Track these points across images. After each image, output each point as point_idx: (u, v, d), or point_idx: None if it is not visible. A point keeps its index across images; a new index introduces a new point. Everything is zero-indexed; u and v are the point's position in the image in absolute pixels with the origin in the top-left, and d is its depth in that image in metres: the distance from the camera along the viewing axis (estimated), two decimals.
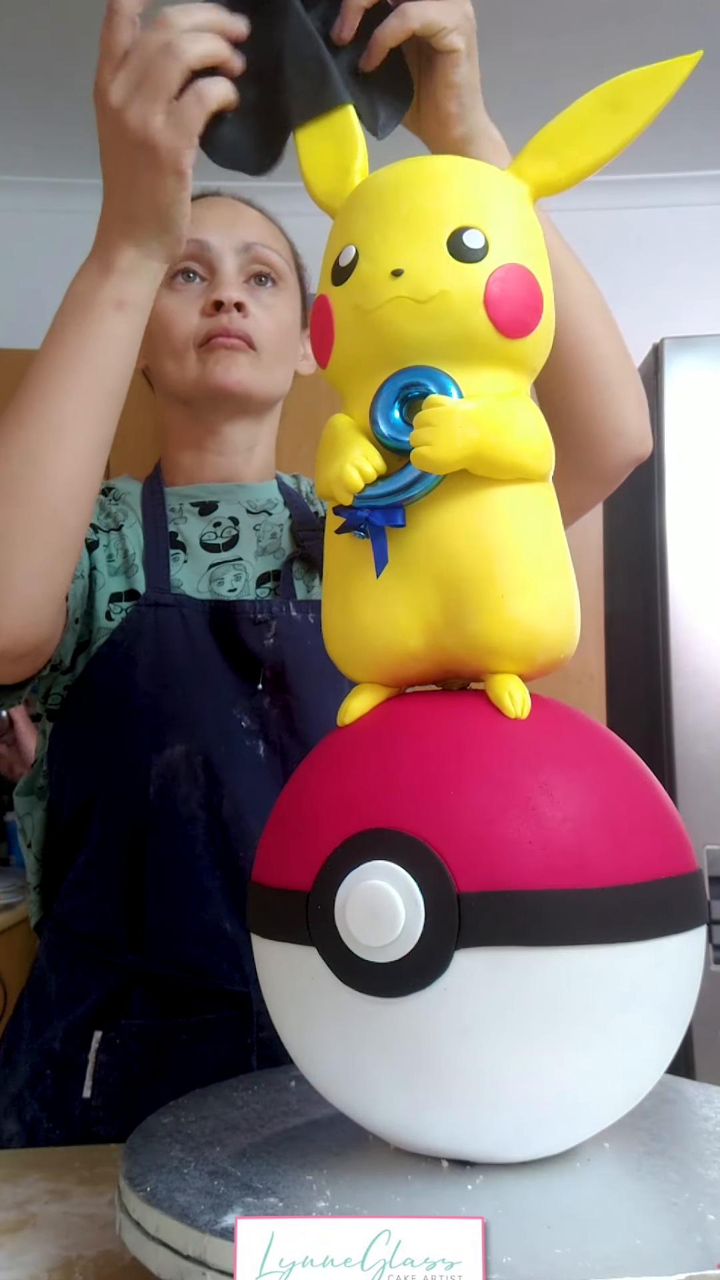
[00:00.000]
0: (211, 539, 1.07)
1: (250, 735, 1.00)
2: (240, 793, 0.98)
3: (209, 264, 1.05)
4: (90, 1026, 0.97)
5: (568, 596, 0.65)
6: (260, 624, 1.01)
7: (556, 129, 0.66)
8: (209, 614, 1.02)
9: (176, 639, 1.00)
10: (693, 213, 3.10)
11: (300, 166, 0.73)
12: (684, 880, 0.61)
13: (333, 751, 0.66)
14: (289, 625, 1.02)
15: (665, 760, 2.32)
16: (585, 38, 2.46)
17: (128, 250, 0.78)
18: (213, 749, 0.98)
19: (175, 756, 0.98)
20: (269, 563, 1.07)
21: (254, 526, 1.08)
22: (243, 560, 1.06)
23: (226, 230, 1.06)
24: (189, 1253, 0.56)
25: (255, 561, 1.07)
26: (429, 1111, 0.60)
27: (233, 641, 1.01)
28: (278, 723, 1.00)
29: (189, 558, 1.06)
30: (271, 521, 1.09)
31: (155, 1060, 0.95)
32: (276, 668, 1.01)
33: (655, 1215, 0.57)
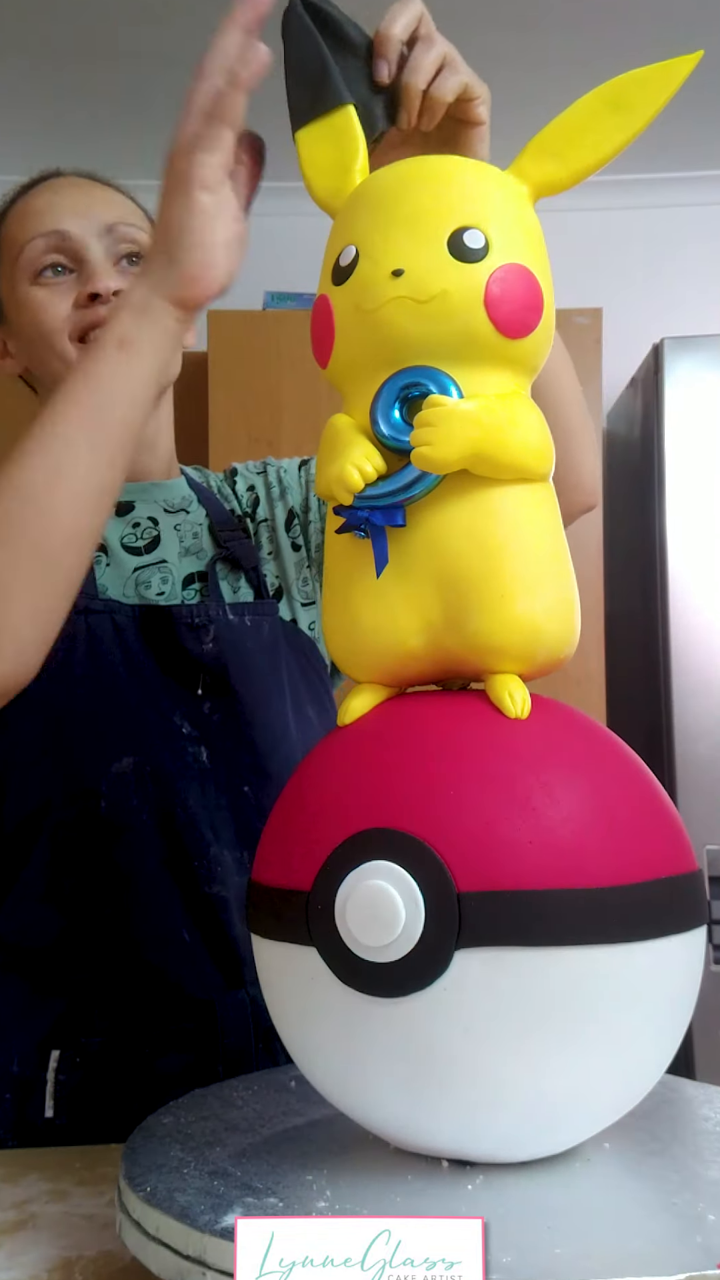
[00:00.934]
0: (132, 541, 1.04)
1: (192, 742, 0.98)
2: (188, 799, 0.96)
3: (73, 254, 0.99)
4: (47, 1046, 0.94)
5: (568, 596, 0.65)
6: (199, 628, 0.99)
7: (557, 129, 0.66)
8: (141, 620, 0.99)
9: (110, 647, 0.98)
10: (693, 213, 3.10)
11: (300, 166, 0.73)
12: (684, 880, 0.61)
13: (333, 751, 0.66)
14: (227, 629, 1.00)
15: (665, 760, 2.32)
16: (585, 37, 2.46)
17: (138, 286, 0.77)
18: (160, 759, 0.96)
19: (125, 769, 0.96)
20: (192, 564, 1.04)
21: (174, 526, 1.05)
22: (167, 562, 1.03)
23: (83, 215, 1.00)
24: (189, 1253, 0.56)
25: (179, 563, 1.04)
26: (429, 1111, 0.60)
27: (169, 647, 0.98)
28: (220, 728, 0.98)
29: (111, 561, 1.02)
30: (190, 520, 1.06)
31: (120, 1077, 0.93)
32: (217, 672, 0.99)
33: (655, 1215, 0.57)
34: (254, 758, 0.99)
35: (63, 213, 1.00)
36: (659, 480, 2.35)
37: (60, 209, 1.00)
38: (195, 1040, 0.94)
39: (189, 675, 0.98)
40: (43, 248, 0.99)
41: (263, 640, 1.02)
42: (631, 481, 2.59)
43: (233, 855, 0.97)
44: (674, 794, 2.29)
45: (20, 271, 1.00)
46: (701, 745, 2.30)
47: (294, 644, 1.06)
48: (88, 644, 0.97)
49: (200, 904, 0.96)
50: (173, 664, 0.98)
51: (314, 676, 1.07)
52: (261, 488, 1.11)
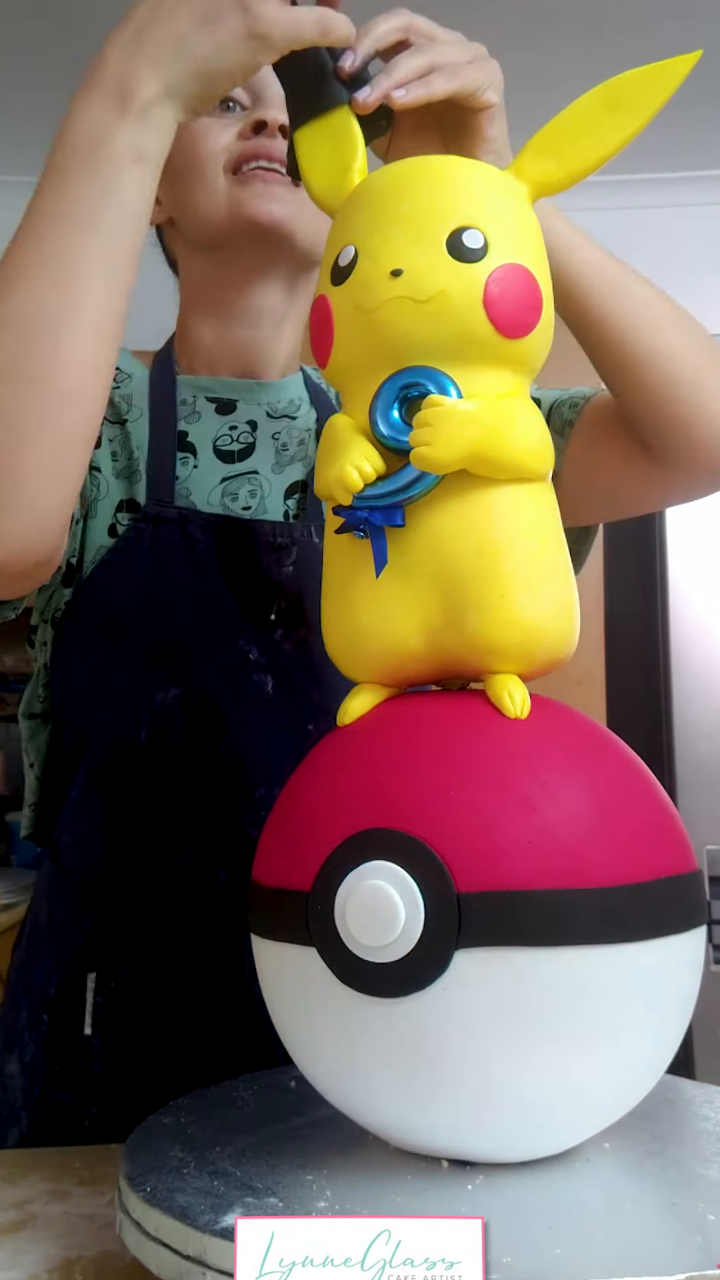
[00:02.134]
0: (226, 444, 0.95)
1: (258, 670, 0.90)
2: (242, 735, 0.89)
3: (253, 90, 0.89)
4: (83, 968, 0.91)
5: (568, 596, 0.65)
6: (280, 549, 0.90)
7: (556, 129, 0.66)
8: (219, 532, 0.90)
9: (178, 561, 0.89)
10: (693, 213, 3.10)
11: (300, 166, 0.73)
12: (684, 880, 0.61)
13: (333, 751, 0.66)
14: (310, 552, 0.91)
15: (665, 760, 2.31)
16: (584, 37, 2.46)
17: (152, 83, 0.67)
18: (212, 689, 0.89)
19: (169, 700, 0.89)
20: (295, 473, 0.95)
21: (273, 435, 0.96)
22: (259, 474, 0.94)
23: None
24: (189, 1253, 0.56)
25: (273, 476, 0.95)
26: (429, 1111, 0.60)
27: (246, 566, 0.90)
28: (291, 658, 0.90)
29: (199, 463, 0.94)
30: (296, 426, 0.97)
31: (151, 1006, 0.90)
32: (294, 598, 0.90)
33: (655, 1215, 0.57)
34: (322, 694, 0.91)
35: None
36: None
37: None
38: (225, 981, 0.89)
39: (264, 598, 0.90)
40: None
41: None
42: None
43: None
44: (674, 794, 2.29)
45: None
46: (701, 745, 2.30)
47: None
48: (152, 558, 0.89)
49: (239, 846, 0.88)
50: (247, 584, 0.90)
51: None
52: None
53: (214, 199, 0.89)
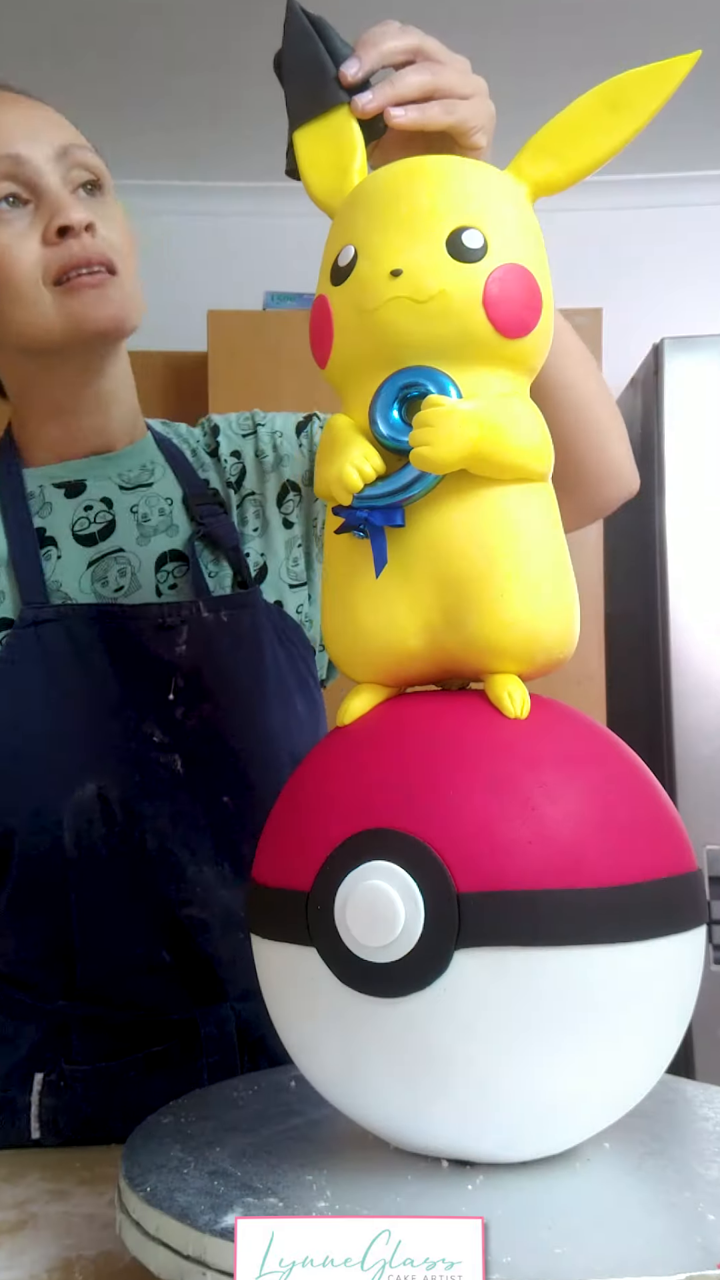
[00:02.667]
0: (84, 528, 0.93)
1: (164, 751, 0.90)
2: (162, 820, 0.90)
3: (28, 182, 0.86)
4: (30, 1069, 0.91)
5: (567, 596, 0.65)
6: (170, 629, 0.90)
7: (555, 128, 0.66)
8: (103, 624, 0.90)
9: (66, 660, 0.89)
10: (693, 213, 3.10)
11: (299, 166, 0.73)
12: (684, 880, 0.61)
13: (333, 751, 0.66)
14: (200, 628, 0.91)
15: (665, 760, 2.32)
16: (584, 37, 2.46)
17: None
18: (125, 779, 0.89)
19: (86, 797, 0.89)
20: (164, 542, 0.94)
21: (131, 508, 0.95)
22: (125, 551, 0.93)
23: (35, 136, 0.87)
24: (189, 1253, 0.56)
25: (140, 550, 0.93)
26: (429, 1111, 0.60)
27: (136, 652, 0.90)
28: (196, 735, 0.91)
29: (62, 553, 0.93)
30: (155, 494, 0.96)
31: (103, 1100, 0.90)
32: (190, 676, 0.90)
33: (655, 1215, 0.57)
34: (235, 765, 0.92)
35: (11, 135, 0.87)
36: (659, 480, 2.35)
37: (7, 130, 0.87)
38: (179, 1060, 0.91)
39: (160, 680, 0.90)
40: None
41: (243, 636, 0.93)
42: None
43: (214, 870, 0.91)
44: (674, 794, 2.29)
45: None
46: (701, 745, 2.30)
47: (281, 631, 0.97)
48: (42, 660, 0.89)
49: (176, 928, 0.91)
50: (140, 670, 0.90)
51: (302, 665, 0.98)
52: (251, 455, 1.00)
53: (42, 313, 0.87)
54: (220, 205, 2.94)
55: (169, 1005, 0.92)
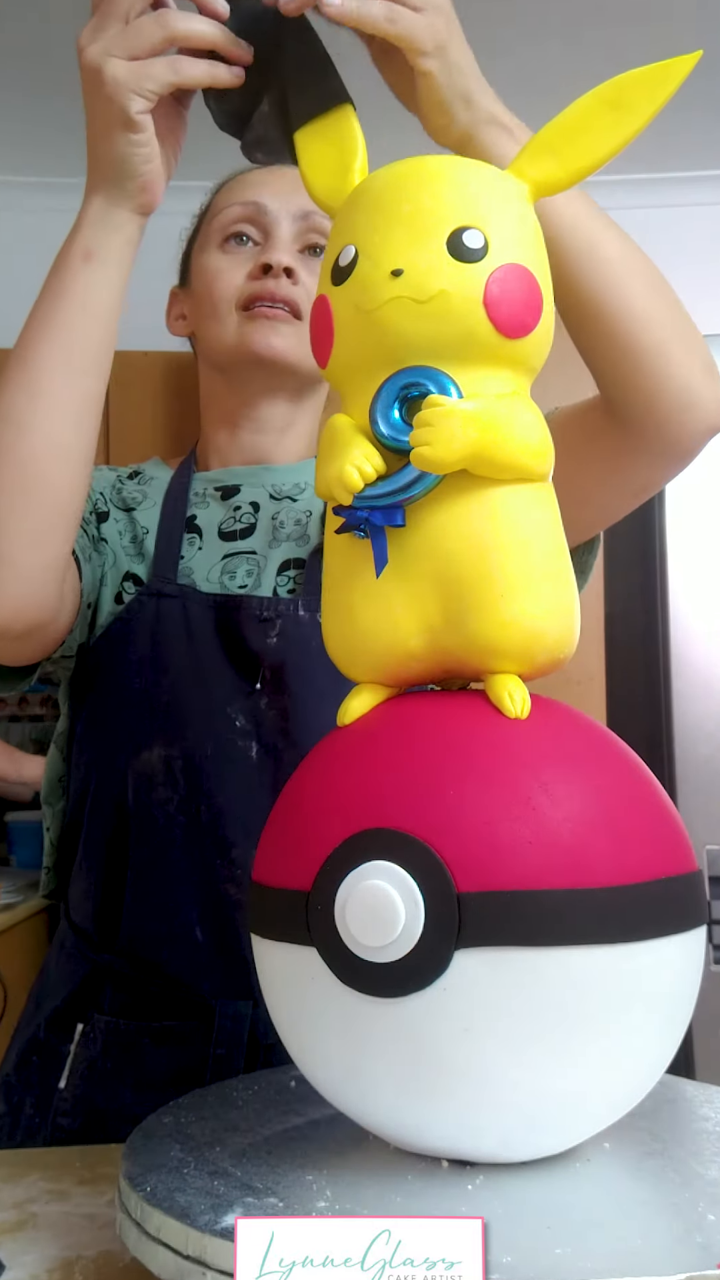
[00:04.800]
0: (230, 526, 1.03)
1: (244, 736, 0.96)
2: (222, 797, 0.95)
3: (264, 228, 1.01)
4: (72, 1018, 0.97)
5: (567, 596, 0.65)
6: (265, 621, 0.97)
7: (556, 128, 0.66)
8: (214, 608, 0.98)
9: (175, 632, 0.97)
10: (693, 213, 3.10)
11: (300, 166, 0.73)
12: (684, 880, 0.61)
13: (333, 751, 0.66)
14: (294, 625, 0.98)
15: (665, 760, 2.31)
16: (584, 37, 2.46)
17: (93, 199, 0.77)
18: (196, 751, 0.95)
19: (153, 759, 0.95)
20: (291, 550, 1.02)
21: (272, 515, 1.04)
22: (256, 553, 1.02)
23: (286, 195, 1.01)
24: (189, 1253, 0.56)
25: (269, 552, 1.02)
26: (429, 1111, 0.60)
27: (234, 638, 0.97)
28: (273, 724, 0.97)
29: (204, 545, 1.02)
30: (296, 508, 1.04)
31: (119, 1059, 0.94)
32: (276, 668, 0.97)
33: (655, 1215, 0.57)
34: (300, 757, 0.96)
35: (265, 188, 1.02)
36: None
37: (264, 185, 1.02)
38: (192, 1041, 0.94)
39: (250, 668, 0.97)
40: (237, 215, 1.01)
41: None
42: None
43: None
44: (674, 794, 2.29)
45: (211, 235, 1.03)
46: (701, 745, 2.30)
47: None
48: (152, 626, 0.97)
49: (216, 904, 0.95)
50: (236, 655, 0.97)
51: None
52: None
53: (225, 331, 1.00)
54: None
55: (195, 984, 0.95)
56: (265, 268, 0.99)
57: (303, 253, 1.01)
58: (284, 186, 1.02)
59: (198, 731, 0.96)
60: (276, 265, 0.98)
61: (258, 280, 0.99)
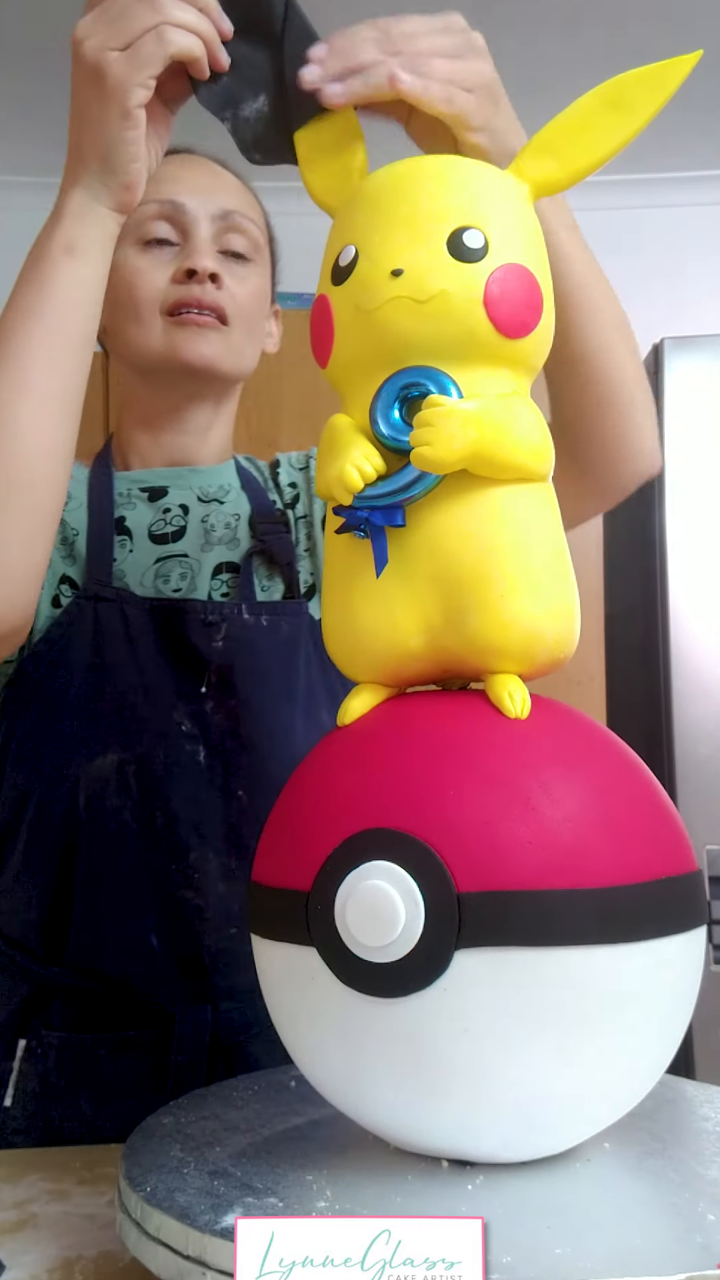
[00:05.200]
0: (160, 528, 1.02)
1: (190, 740, 0.95)
2: (175, 802, 0.94)
3: (183, 228, 0.99)
4: (15, 1034, 0.94)
5: (568, 596, 0.65)
6: (210, 625, 0.96)
7: (556, 128, 0.66)
8: (153, 612, 0.96)
9: (116, 637, 0.95)
10: (693, 213, 3.10)
11: (300, 166, 0.73)
12: (684, 880, 0.61)
13: (333, 751, 0.66)
14: (240, 628, 0.97)
15: (665, 760, 2.31)
16: (584, 37, 2.46)
17: (75, 192, 0.76)
18: (148, 756, 0.94)
19: (106, 766, 0.94)
20: (223, 554, 1.02)
21: (202, 518, 1.03)
22: (189, 556, 1.01)
23: (204, 194, 0.99)
24: (189, 1253, 0.56)
25: (202, 556, 1.01)
26: (429, 1111, 0.60)
27: (178, 642, 0.96)
28: (220, 728, 0.96)
29: (135, 547, 1.01)
30: (224, 511, 1.04)
31: (73, 1073, 0.92)
32: (224, 671, 0.96)
33: (655, 1215, 0.57)
34: (253, 761, 0.96)
35: (182, 185, 0.99)
36: (659, 480, 2.35)
37: (183, 183, 0.99)
38: (150, 1049, 0.92)
39: (195, 672, 0.96)
40: (154, 213, 0.98)
41: (279, 641, 0.99)
42: None
43: (219, 860, 0.94)
44: (674, 794, 2.29)
45: (127, 233, 0.98)
46: (701, 745, 2.30)
47: (320, 645, 0.99)
48: (93, 632, 0.95)
49: (173, 910, 0.93)
50: (180, 659, 0.96)
51: (336, 681, 1.00)
52: (303, 483, 1.09)
53: (150, 336, 0.98)
54: None
55: (152, 993, 0.93)
56: (189, 272, 0.97)
57: (222, 253, 1.00)
58: (202, 182, 1.01)
59: (146, 738, 0.94)
60: (202, 271, 0.97)
61: (182, 285, 0.97)
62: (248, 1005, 0.93)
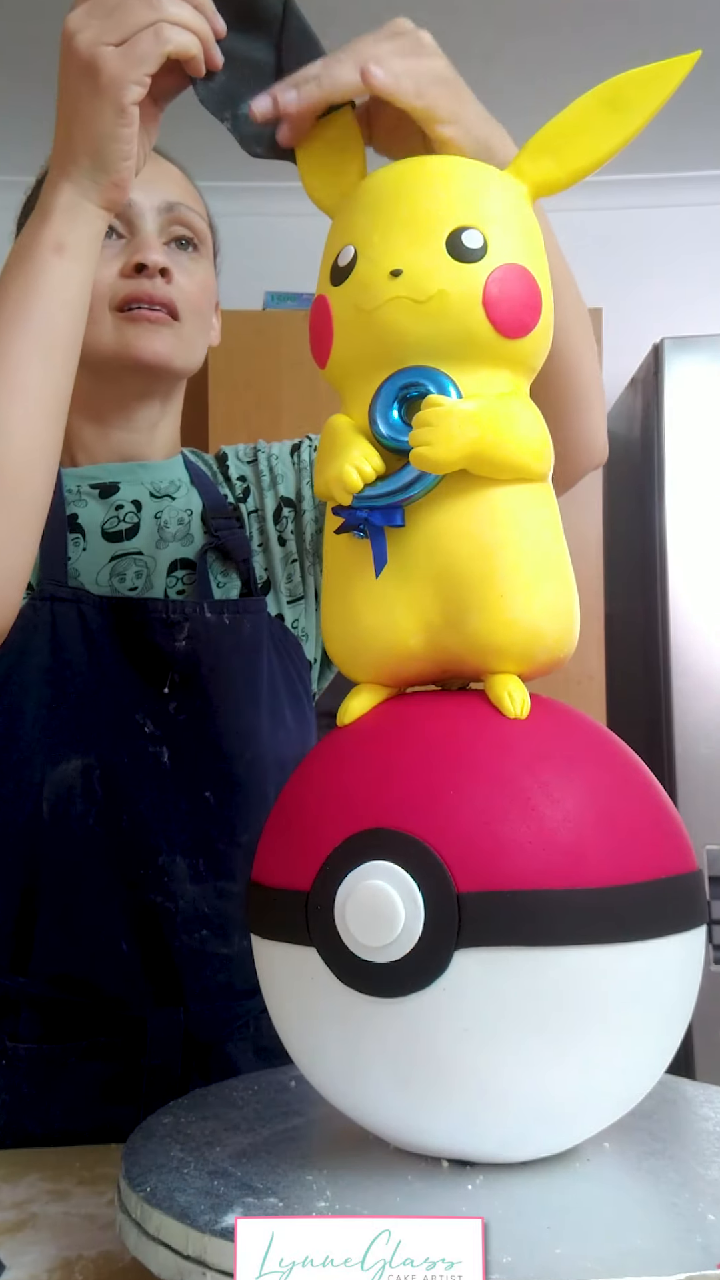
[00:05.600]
0: (113, 526, 1.00)
1: (153, 741, 0.93)
2: (141, 806, 0.92)
3: (129, 221, 0.97)
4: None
5: (567, 596, 0.65)
6: (173, 624, 0.94)
7: (555, 129, 0.66)
8: (111, 612, 0.94)
9: (74, 639, 0.93)
10: (693, 213, 3.10)
11: (300, 167, 0.73)
12: (684, 880, 0.61)
13: (333, 751, 0.66)
14: (203, 627, 0.95)
15: (665, 760, 2.32)
16: (584, 37, 2.46)
17: (64, 188, 0.75)
18: (113, 760, 0.92)
19: (70, 771, 0.92)
20: (178, 550, 1.00)
21: (155, 514, 1.01)
22: (143, 554, 0.99)
23: (149, 186, 0.97)
24: (189, 1253, 0.56)
25: (157, 553, 0.99)
26: (429, 1111, 0.60)
27: (139, 642, 0.94)
28: (185, 729, 0.94)
29: (88, 545, 0.99)
30: (177, 506, 1.02)
31: (44, 1082, 0.91)
32: (187, 671, 0.94)
33: (655, 1215, 0.57)
34: (219, 762, 0.95)
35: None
36: (659, 480, 2.35)
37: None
38: (122, 1054, 0.91)
39: (157, 672, 0.94)
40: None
41: (242, 640, 0.98)
42: (631, 481, 2.59)
43: (186, 862, 0.93)
44: (674, 794, 2.29)
45: None
46: (701, 745, 2.30)
47: (279, 643, 1.01)
48: (50, 634, 0.93)
49: (142, 914, 0.92)
50: (141, 659, 0.94)
51: (295, 678, 1.02)
52: (252, 477, 1.07)
53: (101, 332, 0.95)
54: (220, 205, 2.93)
55: (122, 998, 0.92)
56: (139, 267, 0.95)
57: (169, 245, 0.98)
58: (146, 173, 0.94)
59: (109, 741, 0.93)
60: (152, 266, 0.95)
61: (132, 279, 0.96)
62: (220, 1006, 0.93)
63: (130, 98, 0.71)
